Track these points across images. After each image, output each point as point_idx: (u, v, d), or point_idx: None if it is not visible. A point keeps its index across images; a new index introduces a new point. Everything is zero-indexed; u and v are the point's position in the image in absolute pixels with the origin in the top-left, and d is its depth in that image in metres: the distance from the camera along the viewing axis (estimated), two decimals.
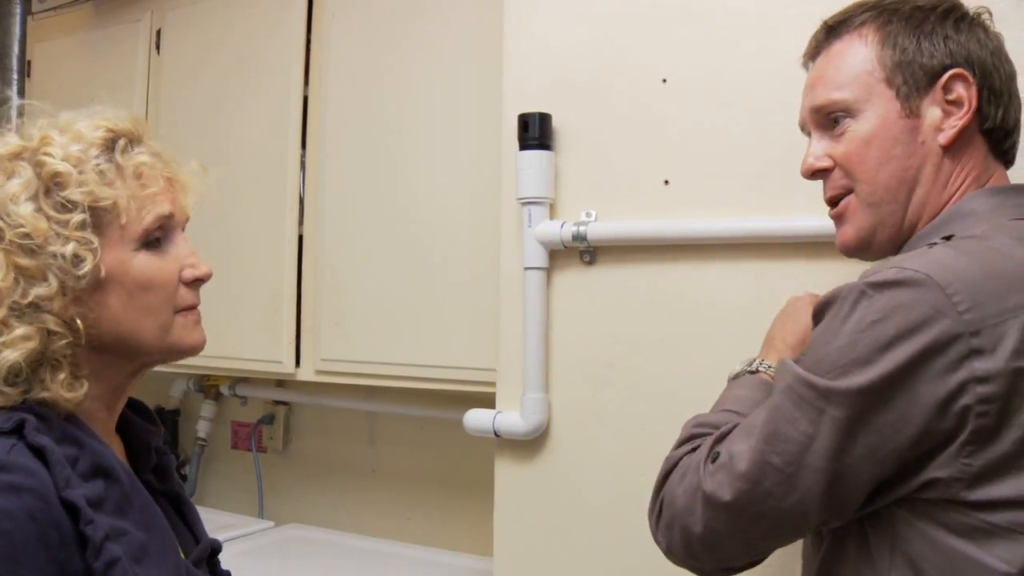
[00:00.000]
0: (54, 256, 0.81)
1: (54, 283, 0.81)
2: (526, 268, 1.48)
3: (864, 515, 0.83)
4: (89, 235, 0.82)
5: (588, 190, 1.47)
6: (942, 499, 0.77)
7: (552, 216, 1.48)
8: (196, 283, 0.92)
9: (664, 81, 1.41)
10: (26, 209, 0.81)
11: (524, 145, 1.47)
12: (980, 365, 0.75)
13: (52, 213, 0.82)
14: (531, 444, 1.50)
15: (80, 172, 0.83)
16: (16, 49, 2.32)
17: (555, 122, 1.48)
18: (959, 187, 0.90)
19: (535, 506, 1.50)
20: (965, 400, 0.75)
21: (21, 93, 2.31)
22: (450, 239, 1.79)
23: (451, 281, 1.79)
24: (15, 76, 2.31)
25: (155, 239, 0.88)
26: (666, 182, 1.40)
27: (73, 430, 0.82)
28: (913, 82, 0.89)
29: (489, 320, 1.60)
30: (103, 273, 0.83)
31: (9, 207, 0.81)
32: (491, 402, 1.54)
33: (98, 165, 0.85)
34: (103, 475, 0.82)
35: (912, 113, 0.90)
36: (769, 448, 0.82)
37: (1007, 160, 0.94)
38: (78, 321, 0.82)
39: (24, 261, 0.81)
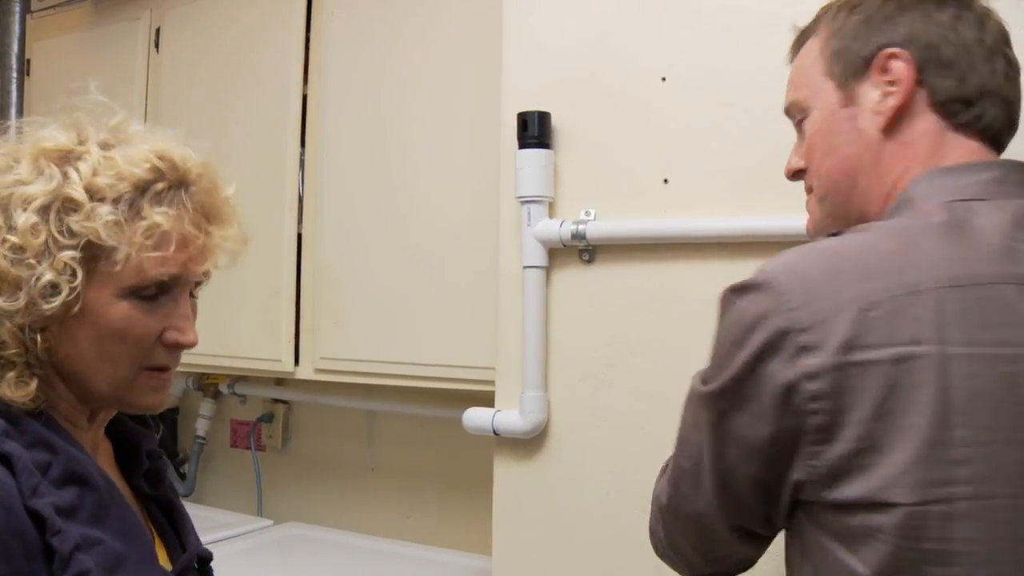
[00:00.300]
0: (33, 277, 0.76)
1: (23, 299, 0.77)
2: (525, 267, 1.48)
3: (788, 523, 0.83)
4: (76, 267, 0.78)
5: (587, 189, 1.47)
6: (813, 501, 0.76)
7: (551, 215, 1.48)
8: (177, 347, 0.86)
9: (663, 80, 1.41)
10: (29, 220, 0.77)
11: (523, 144, 1.47)
12: (809, 361, 0.73)
13: (53, 231, 0.77)
14: (530, 443, 1.50)
15: (93, 207, 0.78)
16: (15, 47, 2.32)
17: (554, 121, 1.48)
18: (901, 172, 0.84)
19: (534, 504, 1.50)
20: (799, 397, 0.73)
21: (20, 91, 2.31)
22: (449, 238, 1.79)
23: (450, 280, 1.79)
24: (14, 74, 2.31)
25: (150, 294, 0.82)
26: (665, 181, 1.40)
27: (48, 434, 0.78)
28: (850, 69, 0.86)
29: (488, 319, 1.60)
30: (77, 308, 0.78)
31: (17, 209, 0.77)
32: (490, 401, 1.54)
33: (114, 209, 0.79)
34: (78, 482, 0.78)
35: (850, 100, 0.86)
36: (681, 453, 0.86)
37: (981, 129, 0.84)
38: (38, 339, 0.78)
39: (4, 266, 0.77)
